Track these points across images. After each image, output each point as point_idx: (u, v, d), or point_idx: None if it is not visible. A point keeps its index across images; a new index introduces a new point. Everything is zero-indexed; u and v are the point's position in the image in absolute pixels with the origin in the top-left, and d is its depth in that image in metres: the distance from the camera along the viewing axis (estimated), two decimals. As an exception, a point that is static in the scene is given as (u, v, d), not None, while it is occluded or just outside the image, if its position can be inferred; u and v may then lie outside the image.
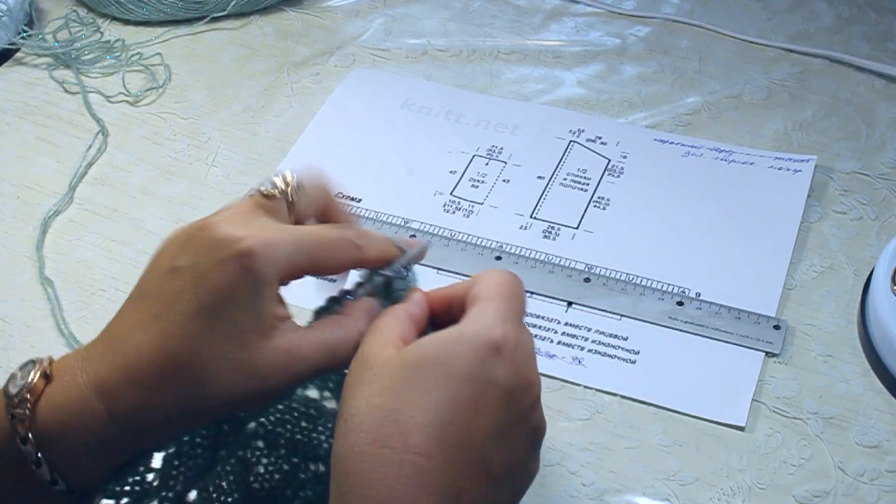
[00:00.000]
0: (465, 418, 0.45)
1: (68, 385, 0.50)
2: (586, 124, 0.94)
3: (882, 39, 1.01)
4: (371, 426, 0.45)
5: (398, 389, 0.45)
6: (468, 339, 0.46)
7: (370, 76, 1.00)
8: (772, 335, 0.76)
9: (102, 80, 1.00)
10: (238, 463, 0.52)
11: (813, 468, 0.69)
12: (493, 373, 0.46)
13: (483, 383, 0.46)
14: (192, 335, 0.48)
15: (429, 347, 0.46)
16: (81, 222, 0.87)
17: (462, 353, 0.46)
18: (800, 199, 0.86)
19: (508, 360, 0.47)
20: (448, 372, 0.45)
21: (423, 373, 0.45)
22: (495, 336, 0.47)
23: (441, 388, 0.45)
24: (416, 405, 0.45)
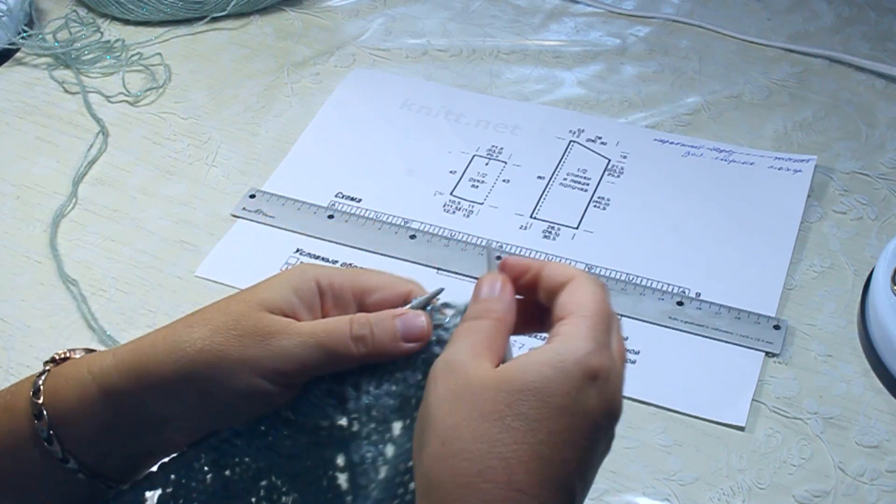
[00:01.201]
0: (562, 453, 0.45)
1: (72, 367, 0.52)
2: (586, 124, 0.94)
3: (882, 39, 1.01)
4: (476, 457, 0.44)
5: (503, 418, 0.44)
6: (568, 367, 0.45)
7: (370, 76, 1.00)
8: (772, 335, 0.76)
9: (102, 80, 1.00)
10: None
11: (813, 468, 0.69)
12: (588, 404, 0.45)
13: (579, 415, 0.45)
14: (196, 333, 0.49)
15: (529, 373, 0.45)
16: (82, 222, 0.87)
17: (561, 381, 0.45)
18: (800, 199, 0.86)
19: (602, 390, 0.46)
20: (549, 402, 0.45)
21: (525, 401, 0.45)
22: (593, 365, 0.46)
23: (543, 420, 0.44)
24: (520, 438, 0.44)
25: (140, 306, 0.79)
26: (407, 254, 0.82)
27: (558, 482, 0.44)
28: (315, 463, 0.51)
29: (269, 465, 0.51)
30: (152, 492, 0.52)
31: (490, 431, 0.44)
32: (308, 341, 0.49)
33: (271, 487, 0.52)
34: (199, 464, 0.52)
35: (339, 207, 0.87)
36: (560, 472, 0.44)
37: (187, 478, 0.52)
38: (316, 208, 0.87)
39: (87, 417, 0.50)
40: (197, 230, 0.86)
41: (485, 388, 0.45)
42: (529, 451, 0.44)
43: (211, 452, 0.51)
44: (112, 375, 0.50)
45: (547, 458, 0.44)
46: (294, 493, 0.52)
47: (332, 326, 0.49)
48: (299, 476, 0.51)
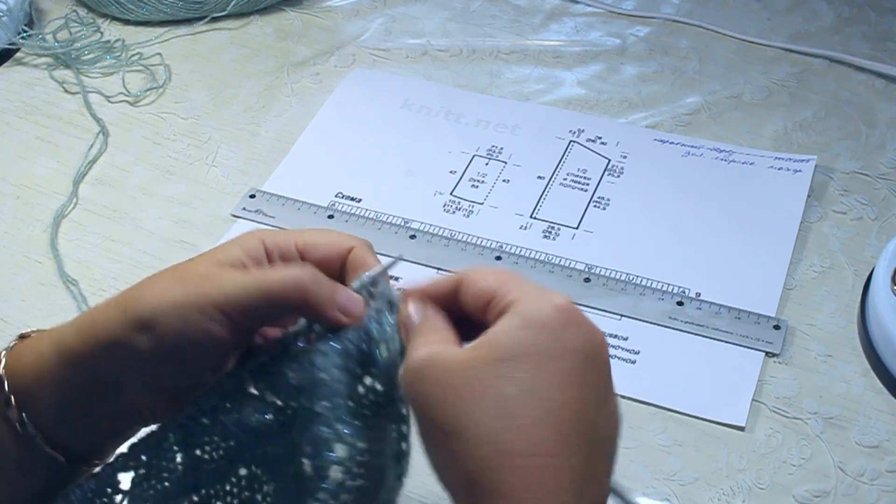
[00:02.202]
0: (567, 399, 0.44)
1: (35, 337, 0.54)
2: (586, 124, 0.94)
3: (882, 39, 1.01)
4: (491, 437, 0.44)
5: (499, 391, 0.44)
6: (540, 320, 0.46)
7: (370, 76, 1.00)
8: (772, 335, 0.76)
9: (102, 80, 1.00)
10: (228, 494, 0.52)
11: (813, 468, 0.69)
12: (571, 343, 0.45)
13: (567, 355, 0.45)
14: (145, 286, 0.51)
15: (507, 340, 0.45)
16: (82, 222, 0.87)
17: (538, 335, 0.45)
18: (800, 199, 0.86)
19: (577, 325, 0.46)
20: (536, 359, 0.45)
21: (515, 367, 0.45)
22: (557, 304, 0.46)
23: (537, 378, 0.44)
24: (523, 403, 0.44)
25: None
26: (407, 254, 0.82)
27: (574, 426, 0.44)
28: (283, 447, 0.51)
29: (239, 445, 0.52)
30: (125, 473, 0.52)
31: (492, 408, 0.44)
32: (248, 282, 0.50)
33: (252, 477, 0.52)
34: (168, 443, 0.52)
35: (339, 207, 0.87)
36: (571, 415, 0.44)
37: (157, 458, 0.52)
38: (316, 208, 0.87)
39: (45, 382, 0.51)
40: (197, 230, 0.86)
41: (468, 368, 0.45)
42: (535, 412, 0.44)
43: (179, 431, 0.52)
44: (67, 337, 0.51)
45: (554, 411, 0.44)
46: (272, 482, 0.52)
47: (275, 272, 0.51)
48: (273, 463, 0.52)
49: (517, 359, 0.45)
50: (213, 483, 0.52)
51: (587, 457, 0.44)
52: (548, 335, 0.45)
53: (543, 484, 0.43)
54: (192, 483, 0.52)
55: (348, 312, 0.50)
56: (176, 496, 0.52)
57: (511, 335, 0.46)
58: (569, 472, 0.43)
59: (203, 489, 0.52)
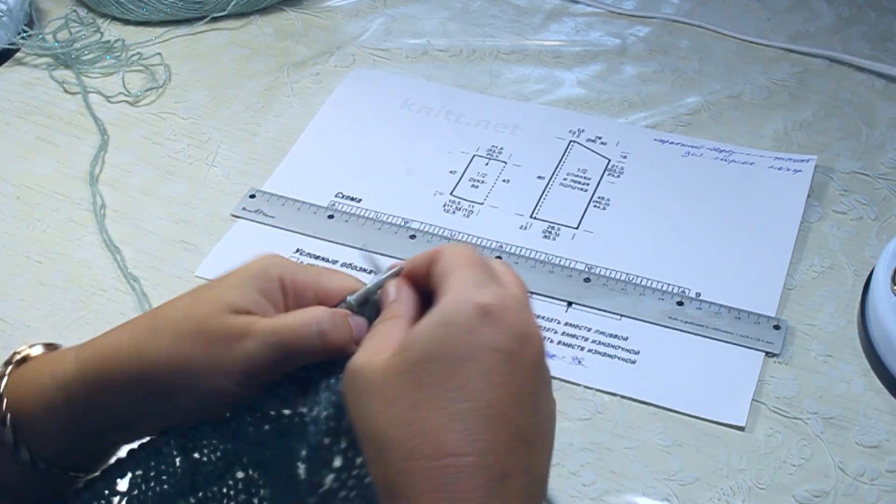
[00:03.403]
0: (481, 398, 0.44)
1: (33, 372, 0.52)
2: (586, 124, 0.94)
3: (882, 39, 1.01)
4: (399, 442, 0.44)
5: (410, 396, 0.44)
6: (454, 319, 0.45)
7: (370, 76, 1.00)
8: (772, 335, 0.76)
9: (102, 80, 1.00)
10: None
11: (813, 468, 0.69)
12: (489, 340, 0.45)
13: (483, 356, 0.44)
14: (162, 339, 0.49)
15: (421, 343, 0.45)
16: (81, 222, 0.87)
17: (451, 334, 0.45)
18: (800, 199, 0.86)
19: (500, 321, 0.45)
20: (448, 360, 0.44)
21: (426, 370, 0.44)
22: (478, 302, 0.45)
23: (447, 379, 0.44)
24: (432, 406, 0.44)
25: (140, 306, 0.79)
26: (407, 254, 0.81)
27: (489, 426, 0.44)
28: (280, 452, 0.51)
29: (237, 450, 0.52)
30: (123, 479, 0.52)
31: (403, 414, 0.44)
32: (271, 340, 0.48)
33: (249, 480, 0.52)
34: (168, 448, 0.52)
35: (339, 207, 0.87)
36: (486, 415, 0.44)
37: (156, 461, 0.52)
38: (316, 208, 0.87)
39: (50, 423, 0.50)
40: (197, 230, 0.86)
41: (385, 377, 0.45)
42: (446, 414, 0.44)
43: (179, 438, 0.52)
44: (75, 383, 0.50)
45: (467, 412, 0.44)
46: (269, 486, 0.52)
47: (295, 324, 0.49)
48: (269, 466, 0.52)
49: (430, 361, 0.45)
50: (210, 485, 0.52)
51: (504, 455, 0.44)
52: (462, 334, 0.45)
53: (453, 485, 0.43)
54: (190, 485, 0.52)
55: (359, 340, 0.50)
56: (174, 498, 0.52)
57: (426, 335, 0.45)
58: (481, 471, 0.43)
59: (201, 491, 0.52)
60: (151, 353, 0.49)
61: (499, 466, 0.43)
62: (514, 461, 0.44)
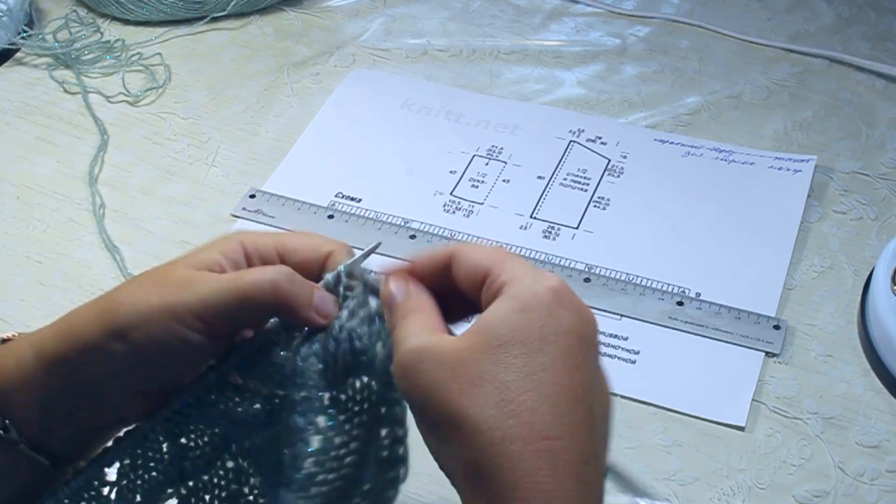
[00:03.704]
0: (563, 381, 0.45)
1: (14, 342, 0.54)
2: (586, 124, 0.94)
3: (882, 39, 1.01)
4: (492, 424, 0.44)
5: (496, 378, 0.44)
6: (531, 304, 0.46)
7: (370, 76, 1.00)
8: (772, 335, 0.76)
9: (102, 80, 1.00)
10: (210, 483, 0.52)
11: (813, 468, 0.69)
12: (564, 323, 0.46)
13: (561, 338, 0.45)
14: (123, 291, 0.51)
15: (499, 327, 0.46)
16: (81, 222, 0.87)
17: (531, 319, 0.45)
18: (800, 199, 0.86)
19: (571, 306, 0.47)
20: (531, 342, 0.45)
21: (508, 353, 0.45)
22: (550, 287, 0.46)
23: (532, 362, 0.45)
24: (519, 388, 0.44)
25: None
26: (407, 254, 0.82)
27: (572, 409, 0.44)
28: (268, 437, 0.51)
29: (224, 432, 0.52)
30: (111, 468, 0.52)
31: (491, 395, 0.44)
32: (224, 286, 0.49)
33: (238, 469, 0.52)
34: (155, 434, 0.52)
35: (339, 207, 0.87)
36: (569, 399, 0.44)
37: (143, 448, 0.52)
38: (316, 208, 0.87)
39: (26, 386, 0.51)
40: (197, 230, 0.86)
41: (464, 357, 0.45)
42: (534, 397, 0.44)
43: (165, 424, 0.52)
44: (47, 342, 0.51)
45: (552, 395, 0.44)
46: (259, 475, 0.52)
47: (250, 274, 0.50)
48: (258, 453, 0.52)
49: (513, 344, 0.45)
50: (200, 474, 0.52)
51: (585, 438, 0.45)
52: (542, 318, 0.46)
53: (545, 468, 0.43)
54: (178, 472, 0.52)
55: (323, 313, 0.50)
56: (164, 485, 0.52)
57: (505, 320, 0.46)
58: (569, 455, 0.44)
59: (190, 481, 0.52)
60: (111, 303, 0.51)
61: (584, 449, 0.44)
62: (592, 444, 0.45)
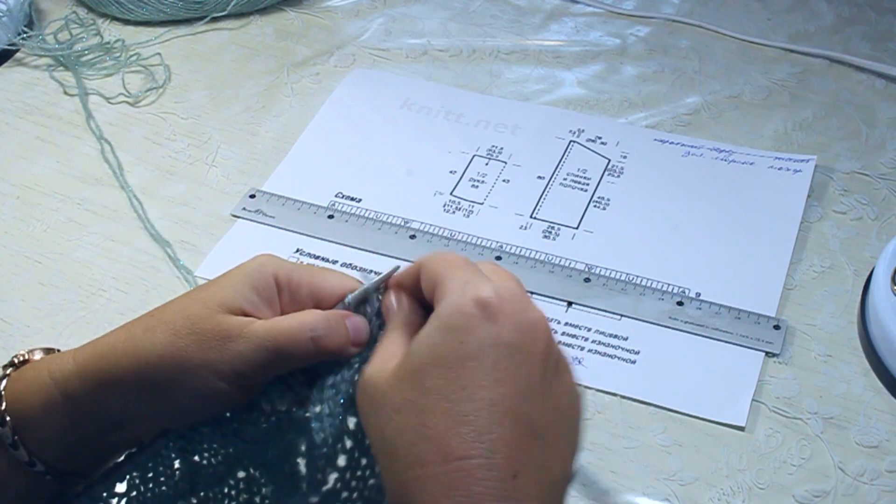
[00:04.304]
0: (486, 396, 0.43)
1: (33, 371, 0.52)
2: (586, 124, 0.94)
3: (882, 39, 1.01)
4: (405, 449, 0.44)
5: (413, 403, 0.44)
6: (450, 320, 0.45)
7: (370, 76, 1.00)
8: (772, 335, 0.76)
9: (102, 80, 1.00)
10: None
11: (813, 468, 0.69)
12: (490, 335, 0.44)
13: (485, 353, 0.44)
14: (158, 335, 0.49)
15: (421, 350, 0.45)
16: (81, 222, 0.87)
17: (450, 337, 0.44)
18: (800, 199, 0.86)
19: (499, 314, 0.45)
20: (450, 362, 0.44)
21: (428, 375, 0.44)
22: (475, 297, 0.45)
23: (451, 381, 0.44)
24: (436, 410, 0.44)
25: (140, 306, 0.79)
26: (407, 254, 0.82)
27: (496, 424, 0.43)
28: (279, 449, 0.51)
29: (238, 452, 0.52)
30: (122, 483, 0.52)
31: (409, 420, 0.44)
32: (265, 344, 0.48)
33: (250, 479, 0.52)
34: (167, 451, 0.52)
35: (339, 207, 0.87)
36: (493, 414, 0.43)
37: (154, 463, 0.52)
38: (316, 208, 0.87)
39: (50, 422, 0.50)
40: (197, 230, 0.86)
41: (391, 385, 0.45)
42: (451, 417, 0.43)
43: (178, 441, 0.52)
44: (73, 381, 0.50)
45: (472, 412, 0.43)
46: (271, 484, 0.52)
47: (289, 328, 0.49)
48: (270, 464, 0.52)
49: (432, 366, 0.44)
50: (211, 486, 0.52)
51: (513, 452, 0.43)
52: (463, 334, 0.44)
53: (459, 489, 0.42)
54: (189, 487, 0.52)
55: (359, 342, 0.50)
56: (173, 499, 0.52)
57: (426, 341, 0.45)
58: (488, 471, 0.42)
59: (202, 492, 0.52)
60: (146, 349, 0.49)
61: (508, 465, 0.43)
62: (525, 458, 0.43)
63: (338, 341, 0.49)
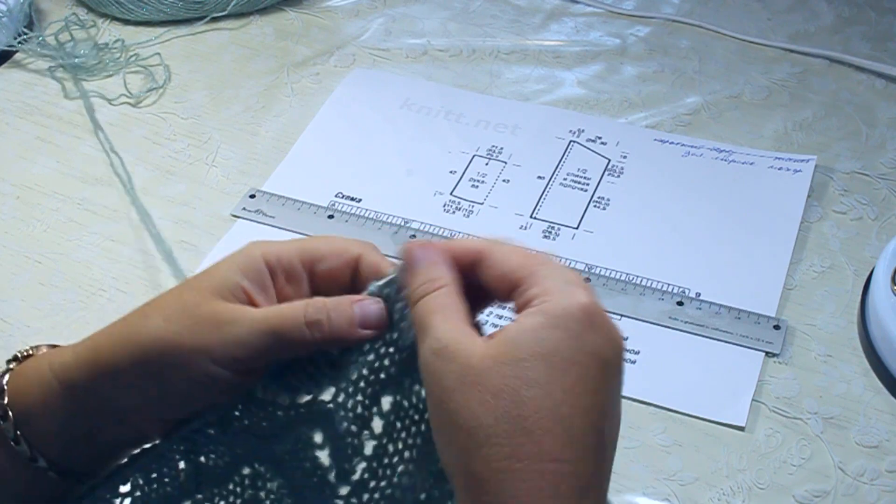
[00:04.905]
0: (582, 404, 0.44)
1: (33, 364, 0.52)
2: (586, 124, 0.94)
3: (882, 39, 1.01)
4: (503, 439, 0.43)
5: (516, 392, 0.43)
6: (562, 322, 0.44)
7: (370, 76, 1.00)
8: (772, 335, 0.76)
9: (102, 80, 1.00)
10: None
11: (813, 468, 0.69)
12: (592, 347, 0.45)
13: (586, 361, 0.44)
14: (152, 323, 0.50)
15: (527, 340, 0.44)
16: (81, 222, 0.87)
17: (560, 338, 0.44)
18: (800, 199, 0.86)
19: (601, 327, 0.45)
20: (556, 361, 0.44)
21: (533, 368, 0.44)
22: (583, 307, 0.45)
23: (554, 381, 0.44)
24: (537, 406, 0.43)
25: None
26: (407, 254, 0.82)
27: (585, 433, 0.44)
28: (295, 443, 0.50)
29: (248, 450, 0.51)
30: (125, 485, 0.52)
31: (509, 410, 0.43)
32: (261, 328, 0.48)
33: (255, 475, 0.52)
34: (171, 453, 0.51)
35: (339, 207, 0.87)
36: (584, 422, 0.44)
37: (158, 464, 0.52)
38: (316, 208, 0.87)
39: (50, 413, 0.50)
40: (197, 230, 0.86)
41: (488, 365, 0.44)
42: (550, 417, 0.43)
43: (184, 443, 0.51)
44: (72, 371, 0.50)
45: (568, 417, 0.43)
46: (280, 478, 0.51)
47: (286, 312, 0.48)
48: (282, 459, 0.51)
49: (538, 360, 0.44)
50: (216, 484, 0.52)
51: (593, 464, 0.44)
52: (570, 338, 0.44)
53: (547, 490, 0.43)
54: (194, 486, 0.52)
55: (370, 325, 0.48)
56: (178, 499, 0.52)
57: (533, 335, 0.45)
58: (573, 479, 0.43)
59: (206, 490, 0.52)
60: (141, 336, 0.49)
61: (587, 476, 0.44)
62: (598, 472, 0.44)
63: (339, 326, 0.48)
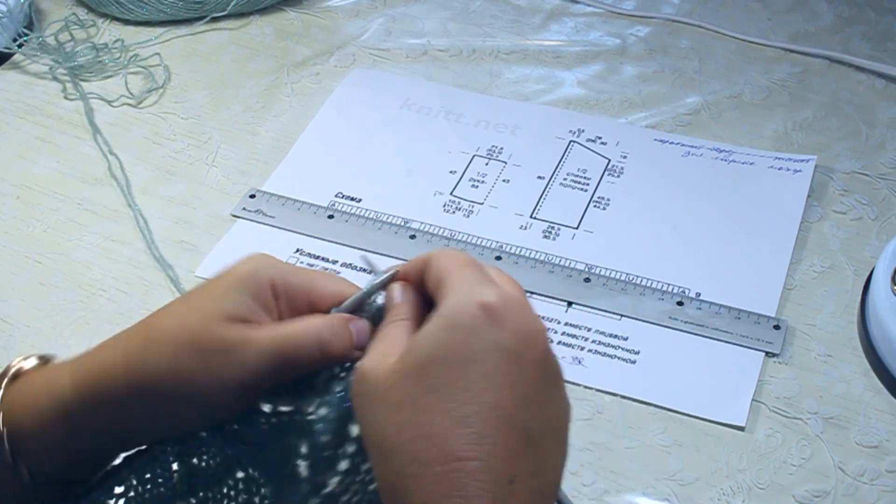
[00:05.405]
0: (488, 400, 0.43)
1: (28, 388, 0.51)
2: (586, 124, 0.94)
3: (882, 39, 1.01)
4: (404, 446, 0.43)
5: (416, 400, 0.44)
6: (457, 319, 0.45)
7: (370, 76, 1.00)
8: (772, 335, 0.76)
9: (102, 81, 1.00)
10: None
11: (813, 468, 0.69)
12: (494, 340, 0.44)
13: (487, 355, 0.44)
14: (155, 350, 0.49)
15: (426, 346, 0.45)
16: (81, 222, 0.87)
17: (455, 337, 0.44)
18: (800, 199, 0.86)
19: (503, 320, 0.45)
20: (453, 362, 0.44)
21: (431, 373, 0.44)
22: (482, 301, 0.45)
23: (453, 382, 0.44)
24: (437, 409, 0.43)
25: (140, 306, 0.79)
26: (407, 254, 0.82)
27: (497, 429, 0.43)
28: (279, 451, 0.50)
29: (238, 454, 0.51)
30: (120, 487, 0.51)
31: (409, 418, 0.44)
32: (269, 351, 0.48)
33: (248, 479, 0.52)
34: (165, 455, 0.51)
35: (339, 207, 0.87)
36: (494, 419, 0.43)
37: (152, 466, 0.52)
38: (316, 208, 0.87)
39: (48, 440, 0.50)
40: (197, 230, 0.86)
41: (393, 381, 0.45)
42: (453, 418, 0.43)
43: (176, 445, 0.51)
44: (72, 400, 0.49)
45: (474, 415, 0.43)
46: (270, 485, 0.52)
47: (294, 335, 0.48)
48: (270, 466, 0.51)
49: (436, 364, 0.44)
50: (210, 487, 0.52)
51: (511, 458, 0.43)
52: (467, 336, 0.44)
53: (459, 489, 0.42)
54: (187, 488, 0.52)
55: (363, 346, 0.49)
56: (171, 500, 0.52)
57: (429, 339, 0.45)
58: (486, 475, 0.42)
59: (200, 492, 0.52)
60: (148, 367, 0.48)
61: (505, 470, 0.43)
62: (521, 464, 0.44)
63: (343, 346, 0.49)
